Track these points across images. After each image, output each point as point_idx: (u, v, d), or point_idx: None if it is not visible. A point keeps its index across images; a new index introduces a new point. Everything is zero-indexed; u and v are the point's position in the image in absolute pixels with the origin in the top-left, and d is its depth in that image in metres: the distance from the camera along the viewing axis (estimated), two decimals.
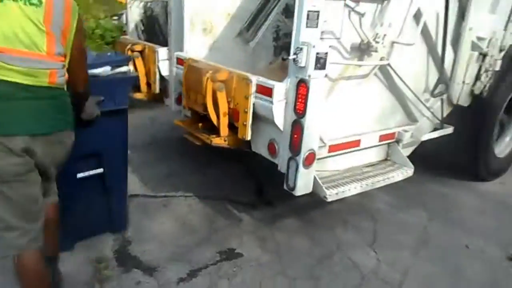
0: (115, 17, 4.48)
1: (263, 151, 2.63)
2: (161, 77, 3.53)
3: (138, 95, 3.70)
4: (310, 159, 2.38)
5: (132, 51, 3.56)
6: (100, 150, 2.54)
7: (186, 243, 2.85)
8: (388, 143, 3.14)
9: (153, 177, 3.77)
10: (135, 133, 4.83)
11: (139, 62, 3.59)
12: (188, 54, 3.22)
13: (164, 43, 3.66)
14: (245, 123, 2.52)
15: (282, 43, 3.76)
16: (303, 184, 2.43)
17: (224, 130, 2.66)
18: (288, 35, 3.81)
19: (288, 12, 3.68)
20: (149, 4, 4.13)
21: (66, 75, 1.81)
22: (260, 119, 2.53)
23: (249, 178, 3.83)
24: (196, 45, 3.29)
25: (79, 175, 2.51)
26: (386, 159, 3.20)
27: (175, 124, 3.07)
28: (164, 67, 3.48)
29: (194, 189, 3.59)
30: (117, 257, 2.64)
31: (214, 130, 2.75)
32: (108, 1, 7.87)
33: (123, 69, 2.44)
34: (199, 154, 4.21)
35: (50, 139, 1.76)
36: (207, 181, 3.77)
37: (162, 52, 3.44)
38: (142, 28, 4.16)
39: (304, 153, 2.34)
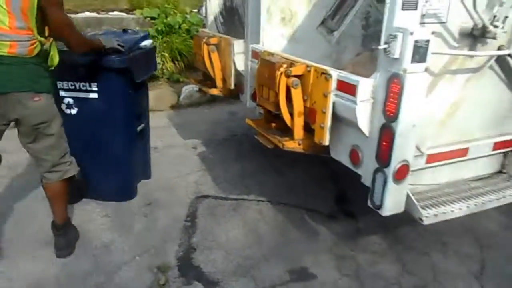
0: (194, 10, 4.37)
1: (344, 159, 2.24)
2: (237, 71, 3.29)
3: (213, 91, 3.52)
4: (403, 173, 1.94)
5: (208, 44, 3.38)
6: (142, 110, 3.26)
7: (254, 254, 2.58)
8: (504, 153, 2.53)
9: (226, 177, 3.58)
10: (212, 128, 4.73)
11: (215, 56, 3.40)
12: (264, 46, 2.93)
13: (243, 36, 3.42)
14: (322, 125, 2.15)
15: (372, 32, 3.28)
16: (392, 202, 2.00)
17: (298, 132, 2.32)
18: (380, 22, 3.35)
19: None
20: None
21: (34, 45, 2.10)
22: (341, 121, 2.14)
23: (330, 182, 3.44)
24: (274, 36, 2.99)
25: (138, 128, 3.19)
26: (500, 172, 2.60)
27: (246, 123, 2.80)
28: (239, 61, 3.23)
29: (267, 192, 3.32)
30: (180, 266, 2.46)
31: (288, 132, 2.42)
32: None
33: (148, 42, 3.07)
34: (277, 153, 3.92)
35: (6, 97, 2.09)
36: (283, 184, 3.47)
37: (238, 44, 3.19)
38: (221, 20, 3.97)
39: (395, 164, 1.90)
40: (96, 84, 2.80)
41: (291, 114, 2.32)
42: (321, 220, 2.96)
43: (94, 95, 2.83)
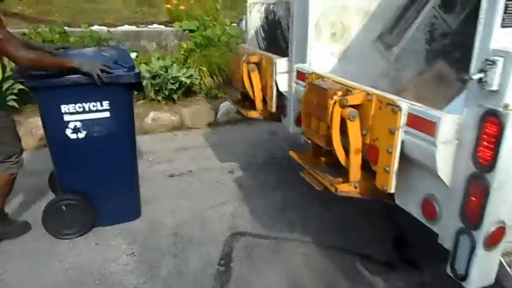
0: (234, 24, 4.05)
1: (414, 210, 1.81)
2: (279, 93, 2.93)
3: (252, 114, 3.17)
4: (497, 237, 1.49)
5: (248, 62, 3.04)
6: None
7: None
8: None
9: (266, 209, 3.20)
10: (251, 150, 4.38)
11: (255, 76, 3.06)
12: (312, 66, 2.55)
13: (287, 53, 3.07)
14: (388, 168, 1.73)
15: (437, 47, 2.82)
16: (480, 273, 1.54)
17: (355, 173, 1.91)
18: (447, 35, 2.90)
19: (448, 5, 2.74)
20: (271, 6, 3.58)
21: None
22: (412, 163, 1.72)
23: (385, 220, 2.98)
24: (323, 54, 2.60)
25: None
26: None
27: (290, 155, 2.42)
28: (282, 82, 2.87)
29: (313, 230, 2.91)
30: None
31: (341, 169, 2.01)
32: (235, 7, 7.70)
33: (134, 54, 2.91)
34: None
35: None
36: (330, 220, 3.04)
37: (281, 63, 2.83)
38: (263, 35, 3.64)
39: (487, 226, 1.46)
40: (108, 102, 2.67)
41: (346, 151, 1.92)
42: (377, 270, 2.51)
43: (105, 114, 2.69)
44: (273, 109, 2.98)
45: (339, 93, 1.87)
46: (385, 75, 2.78)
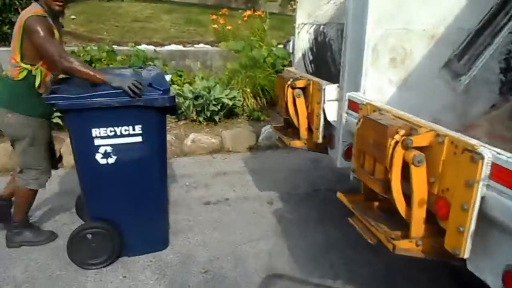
0: (280, 45, 3.83)
1: (492, 281, 1.45)
2: (326, 122, 2.65)
3: (296, 143, 2.91)
4: None
5: (293, 87, 2.80)
6: None
7: None
8: None
9: (306, 248, 2.90)
10: (292, 179, 4.09)
11: (300, 102, 2.81)
12: (367, 95, 2.26)
13: (337, 79, 2.80)
14: (462, 228, 1.40)
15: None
16: None
17: (417, 229, 1.59)
18: None
19: None
20: (322, 27, 3.34)
21: (19, 71, 2.51)
22: (494, 225, 1.38)
23: (452, 279, 2.57)
24: (379, 82, 2.31)
25: None
26: None
27: (338, 197, 2.12)
28: (331, 110, 2.60)
29: (360, 280, 2.57)
30: None
31: (399, 218, 1.69)
32: (283, 27, 7.55)
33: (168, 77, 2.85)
34: None
35: None
36: (381, 270, 2.68)
37: (331, 90, 2.57)
38: (311, 58, 3.40)
39: None
40: (140, 126, 2.52)
41: (408, 201, 1.60)
42: None
43: (137, 139, 2.54)
44: (320, 140, 2.70)
45: (402, 131, 1.57)
46: (451, 108, 2.43)
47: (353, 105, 2.22)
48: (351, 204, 1.92)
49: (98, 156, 2.52)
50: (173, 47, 6.52)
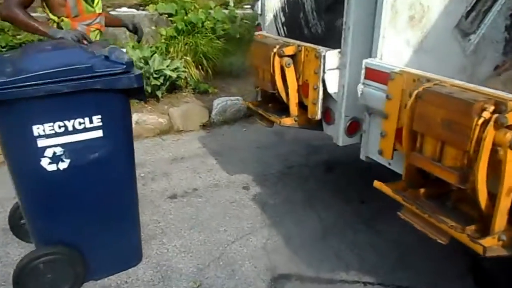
0: (247, 6, 3.33)
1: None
2: (325, 94, 2.28)
3: (286, 121, 2.50)
4: None
5: (281, 55, 2.35)
6: None
7: None
8: None
9: (303, 239, 2.58)
10: (261, 157, 3.66)
11: (290, 73, 2.38)
12: (384, 60, 1.92)
13: (312, 41, 2.43)
14: None
15: None
16: None
17: (501, 221, 1.31)
18: None
19: None
20: None
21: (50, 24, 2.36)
22: None
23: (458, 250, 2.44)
24: (397, 44, 1.96)
25: None
26: None
27: (377, 187, 1.77)
28: (332, 81, 2.22)
29: (371, 266, 2.33)
30: None
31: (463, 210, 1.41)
32: None
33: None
34: (359, 192, 2.95)
35: None
36: (388, 249, 2.47)
37: (332, 57, 2.17)
38: (283, 19, 2.94)
39: None
40: (100, 117, 1.93)
41: (491, 195, 1.31)
42: None
43: (97, 134, 1.94)
44: (318, 116, 2.33)
45: (491, 107, 1.25)
46: (462, 70, 2.20)
47: (376, 75, 1.86)
48: (399, 196, 1.59)
49: (45, 162, 1.87)
50: None
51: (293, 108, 2.46)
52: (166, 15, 5.47)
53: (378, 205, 2.76)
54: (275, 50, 2.37)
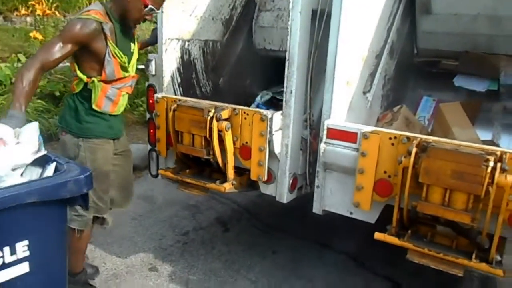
0: (141, 66, 2.83)
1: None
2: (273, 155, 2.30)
3: (225, 187, 2.35)
4: None
5: (219, 119, 2.24)
6: None
7: None
8: None
9: None
10: (142, 230, 3.19)
11: (229, 137, 2.28)
12: (336, 120, 2.13)
13: (202, 99, 2.49)
14: None
15: (387, 91, 2.91)
16: None
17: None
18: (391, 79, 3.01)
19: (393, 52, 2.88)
20: (186, 44, 2.80)
21: (76, 82, 2.12)
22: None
23: None
24: (340, 105, 2.20)
25: None
26: None
27: (379, 238, 1.88)
28: (277, 141, 2.27)
29: None
30: None
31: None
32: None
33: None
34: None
35: None
36: None
37: (278, 119, 2.23)
38: (179, 80, 2.79)
39: None
40: (27, 242, 1.41)
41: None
42: None
43: (21, 269, 1.41)
44: (265, 176, 2.30)
45: (491, 158, 1.60)
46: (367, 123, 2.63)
47: (341, 135, 2.03)
48: (408, 243, 1.78)
49: None
50: None
51: (231, 172, 2.35)
52: None
53: (292, 253, 2.93)
54: (211, 114, 2.23)
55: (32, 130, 1.65)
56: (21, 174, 1.49)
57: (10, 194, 1.31)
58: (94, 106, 2.10)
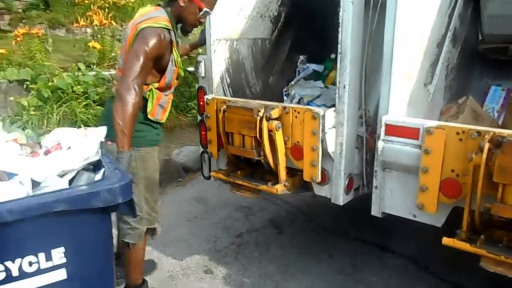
0: (191, 68, 2.90)
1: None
2: (326, 155, 2.19)
3: (278, 189, 2.27)
4: None
5: (269, 119, 2.17)
6: None
7: None
8: None
9: None
10: (197, 231, 3.23)
11: (279, 137, 2.21)
12: (395, 116, 1.97)
13: (252, 98, 2.42)
14: None
15: (450, 81, 2.68)
16: None
17: None
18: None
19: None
20: (235, 44, 2.76)
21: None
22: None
23: None
24: (399, 99, 2.05)
25: None
26: None
27: (447, 243, 1.72)
28: (331, 140, 2.15)
29: None
30: None
31: None
32: (67, 51, 6.09)
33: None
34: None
35: None
36: None
37: (330, 116, 2.12)
38: (228, 81, 2.76)
39: None
40: (63, 249, 1.39)
41: None
42: None
43: (57, 275, 1.39)
44: (319, 177, 2.20)
45: None
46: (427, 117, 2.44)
47: (401, 131, 1.89)
48: (481, 250, 1.60)
49: None
50: None
51: (283, 173, 2.28)
52: (17, 82, 4.53)
53: (349, 257, 2.79)
54: (261, 113, 2.17)
55: (98, 134, 1.68)
56: (72, 179, 1.51)
57: (37, 202, 1.30)
58: (149, 115, 2.06)
